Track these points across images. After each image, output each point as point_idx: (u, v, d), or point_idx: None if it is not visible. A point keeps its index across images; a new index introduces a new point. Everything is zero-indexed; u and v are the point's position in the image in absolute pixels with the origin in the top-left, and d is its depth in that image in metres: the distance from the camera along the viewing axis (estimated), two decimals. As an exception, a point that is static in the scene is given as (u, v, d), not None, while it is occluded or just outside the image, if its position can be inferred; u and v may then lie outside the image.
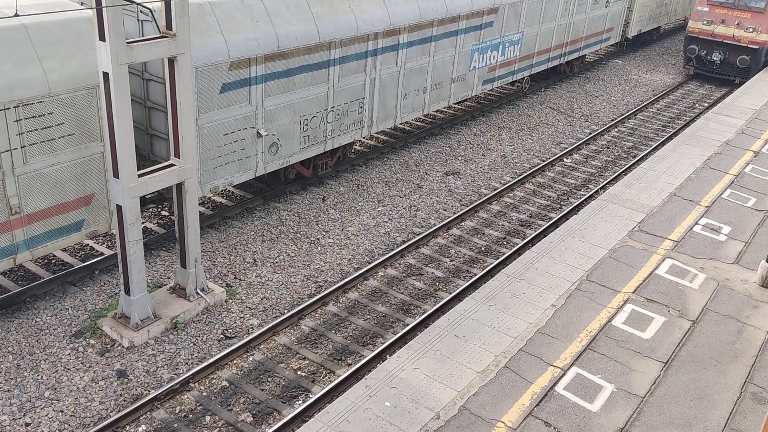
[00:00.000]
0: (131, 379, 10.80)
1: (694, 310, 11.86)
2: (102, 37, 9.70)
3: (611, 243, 13.80)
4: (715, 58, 28.38)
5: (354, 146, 19.50)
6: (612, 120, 24.11)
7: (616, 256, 13.35)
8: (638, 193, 16.11)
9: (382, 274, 14.01)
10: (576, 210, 17.13)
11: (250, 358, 11.45)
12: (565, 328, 11.11)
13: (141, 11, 12.61)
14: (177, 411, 10.32)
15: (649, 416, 9.48)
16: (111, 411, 10.23)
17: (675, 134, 23.15)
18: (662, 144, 22.14)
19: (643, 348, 10.81)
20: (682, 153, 18.67)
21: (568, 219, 16.05)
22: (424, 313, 12.75)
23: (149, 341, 11.55)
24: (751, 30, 27.31)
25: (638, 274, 12.79)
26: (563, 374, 10.10)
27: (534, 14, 22.68)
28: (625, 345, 10.84)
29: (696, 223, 14.81)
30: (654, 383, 10.09)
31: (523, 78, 24.88)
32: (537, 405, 9.49)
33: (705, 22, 27.96)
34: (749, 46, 27.52)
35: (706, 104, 26.69)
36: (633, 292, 12.20)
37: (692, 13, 28.66)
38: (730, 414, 9.67)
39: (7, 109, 10.40)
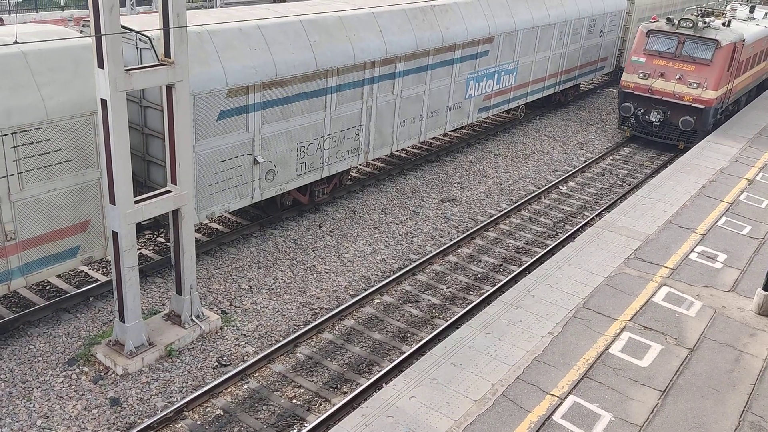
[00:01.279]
0: (125, 408, 10.68)
1: (691, 338, 11.83)
2: (101, 65, 9.77)
3: (607, 270, 13.80)
4: (653, 119, 23.70)
5: (350, 173, 19.54)
6: (607, 148, 24.25)
7: (613, 283, 13.34)
8: (634, 220, 16.15)
9: (378, 301, 13.96)
10: (572, 237, 17.14)
11: (245, 386, 11.35)
12: (563, 356, 11.05)
13: (140, 39, 12.71)
14: (170, 440, 10.20)
15: (648, 446, 9.40)
16: (103, 440, 10.11)
17: (670, 162, 23.28)
18: (657, 171, 22.26)
19: (640, 376, 10.75)
20: (677, 181, 18.76)
21: (564, 246, 16.03)
22: (420, 341, 12.68)
23: (143, 369, 11.44)
24: (695, 86, 22.66)
25: (635, 301, 12.77)
26: (561, 403, 10.03)
27: (529, 44, 22.93)
28: (623, 373, 10.79)
29: (692, 251, 14.83)
30: (652, 412, 10.02)
31: (519, 106, 25.07)
32: (534, 434, 9.40)
33: (641, 75, 23.42)
34: (693, 104, 22.86)
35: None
36: (630, 320, 12.17)
37: (626, 64, 24.18)
38: (729, 443, 9.60)
39: (5, 135, 10.42)
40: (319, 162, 16.27)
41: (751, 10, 28.35)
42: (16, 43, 10.24)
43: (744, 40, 23.84)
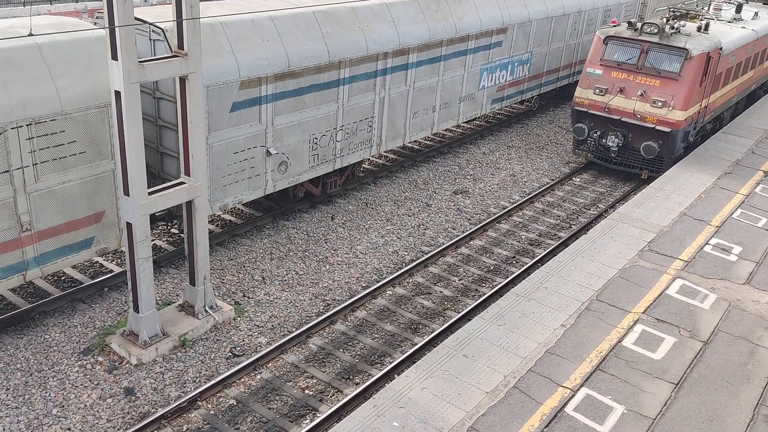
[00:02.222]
0: (139, 397, 10.78)
1: (705, 331, 11.76)
2: (114, 56, 9.81)
3: (621, 263, 13.73)
4: (610, 144, 19.58)
5: (363, 165, 19.54)
6: (621, 139, 24.09)
7: (626, 275, 13.28)
8: (648, 212, 16.04)
9: (390, 292, 13.97)
10: (585, 229, 17.07)
11: (258, 377, 11.42)
12: (575, 349, 11.02)
13: (153, 31, 12.75)
14: (184, 429, 10.28)
15: (661, 438, 9.37)
16: (118, 429, 10.20)
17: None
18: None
19: (653, 369, 10.71)
20: (692, 173, 18.61)
21: (577, 238, 15.98)
22: (432, 333, 12.69)
23: (157, 359, 11.54)
24: (660, 104, 18.61)
25: (648, 294, 12.71)
26: (573, 395, 10.01)
27: (543, 34, 22.78)
28: (636, 366, 10.74)
29: (706, 243, 14.72)
30: (665, 405, 9.98)
31: (533, 97, 24.93)
32: (546, 426, 9.39)
33: (597, 90, 19.42)
34: (658, 127, 18.82)
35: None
36: (643, 313, 12.11)
37: (581, 78, 20.14)
38: (743, 437, 9.55)
39: (20, 127, 10.50)
40: (332, 154, 16.27)
41: (738, 10, 24.00)
42: (30, 35, 10.29)
43: (721, 49, 19.81)
